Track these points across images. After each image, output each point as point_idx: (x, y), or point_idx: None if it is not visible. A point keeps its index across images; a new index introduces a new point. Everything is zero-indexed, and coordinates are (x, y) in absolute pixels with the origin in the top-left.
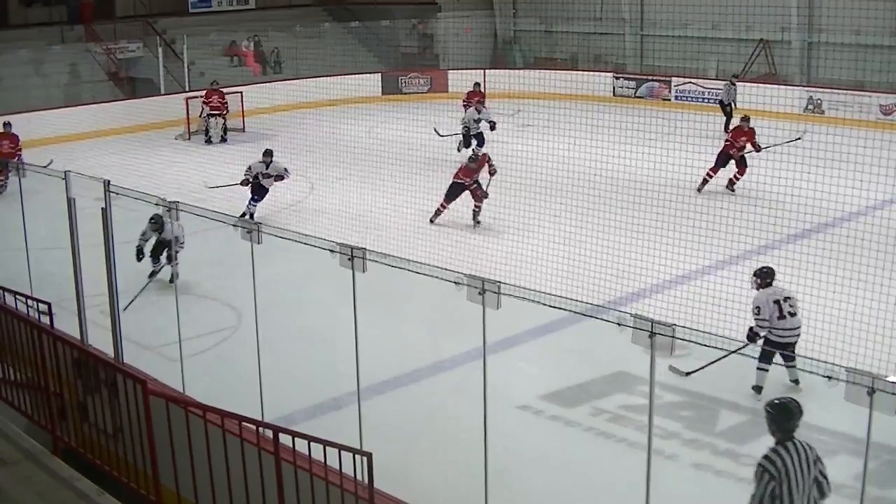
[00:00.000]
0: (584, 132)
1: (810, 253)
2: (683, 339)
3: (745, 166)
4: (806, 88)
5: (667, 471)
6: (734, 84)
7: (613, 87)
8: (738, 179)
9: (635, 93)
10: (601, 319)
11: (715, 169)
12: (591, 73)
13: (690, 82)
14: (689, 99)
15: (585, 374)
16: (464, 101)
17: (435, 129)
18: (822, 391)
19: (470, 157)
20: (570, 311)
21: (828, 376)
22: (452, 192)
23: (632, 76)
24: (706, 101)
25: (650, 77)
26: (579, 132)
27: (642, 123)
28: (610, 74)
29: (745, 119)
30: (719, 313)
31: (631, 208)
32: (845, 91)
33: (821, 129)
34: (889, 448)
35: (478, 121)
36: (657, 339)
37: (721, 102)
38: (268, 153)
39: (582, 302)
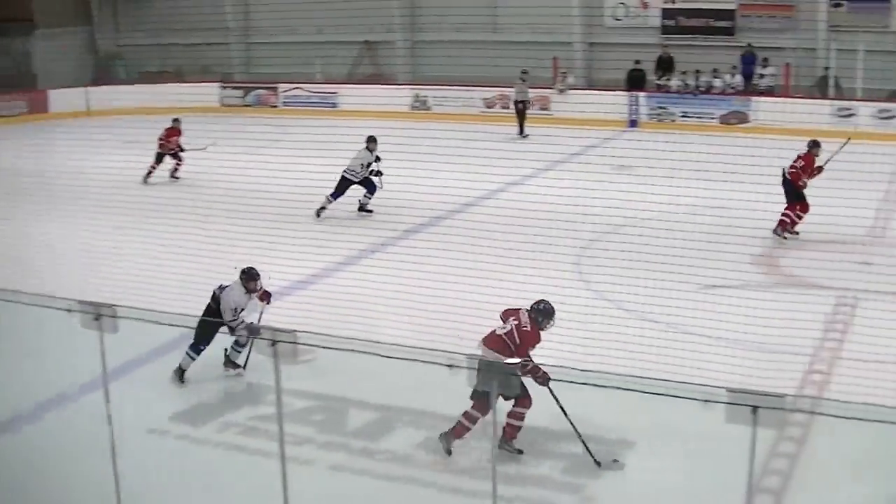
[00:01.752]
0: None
1: (425, 246)
2: (307, 345)
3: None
4: (411, 87)
5: (304, 476)
6: None
7: (221, 98)
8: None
9: (243, 101)
10: (222, 333)
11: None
12: (198, 84)
13: (298, 88)
14: (297, 105)
15: (211, 389)
16: (161, 139)
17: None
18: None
19: (537, 310)
20: (191, 328)
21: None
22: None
23: (238, 85)
24: (314, 105)
25: (257, 85)
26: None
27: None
28: (216, 84)
29: (815, 144)
30: (341, 314)
31: (241, 216)
32: (449, 87)
33: (429, 126)
34: None
35: (368, 164)
36: (279, 346)
37: None
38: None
39: (197, 317)
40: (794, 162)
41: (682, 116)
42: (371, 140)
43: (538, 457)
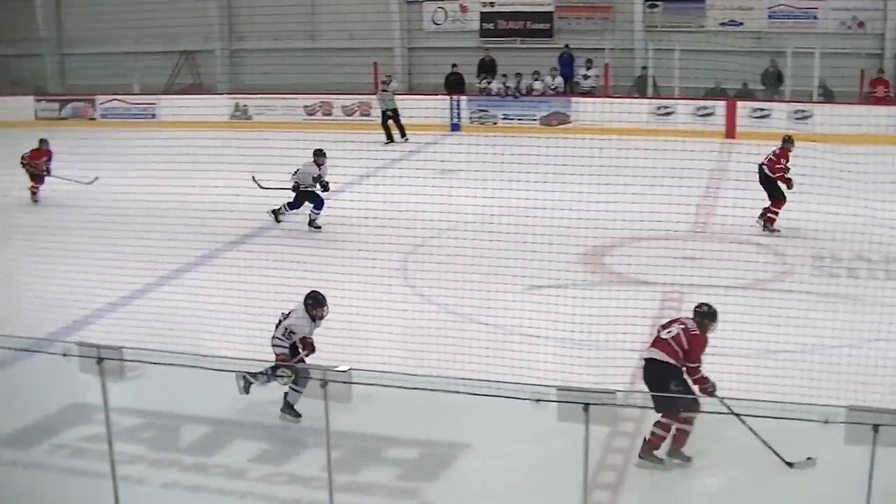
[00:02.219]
0: None
1: (250, 257)
2: (135, 361)
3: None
4: (231, 96)
5: (137, 495)
6: None
7: (35, 111)
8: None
9: (59, 114)
10: (48, 353)
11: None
12: (11, 97)
13: (116, 99)
14: (115, 117)
15: (38, 411)
16: (24, 162)
17: (254, 179)
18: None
19: (701, 313)
20: (10, 348)
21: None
22: None
23: (54, 98)
24: (133, 117)
25: (73, 97)
26: None
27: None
28: (31, 97)
29: (789, 140)
30: (166, 329)
31: (67, 231)
32: (270, 95)
33: (250, 135)
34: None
35: (317, 178)
36: (106, 363)
37: None
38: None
39: (24, 337)
40: (772, 158)
41: (504, 119)
42: (318, 154)
43: (374, 463)
